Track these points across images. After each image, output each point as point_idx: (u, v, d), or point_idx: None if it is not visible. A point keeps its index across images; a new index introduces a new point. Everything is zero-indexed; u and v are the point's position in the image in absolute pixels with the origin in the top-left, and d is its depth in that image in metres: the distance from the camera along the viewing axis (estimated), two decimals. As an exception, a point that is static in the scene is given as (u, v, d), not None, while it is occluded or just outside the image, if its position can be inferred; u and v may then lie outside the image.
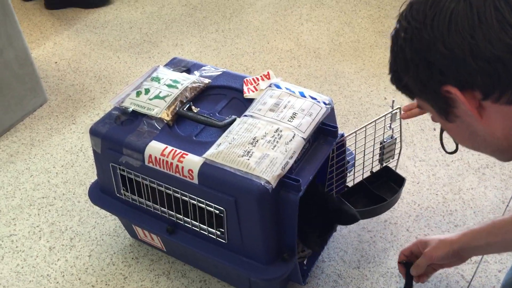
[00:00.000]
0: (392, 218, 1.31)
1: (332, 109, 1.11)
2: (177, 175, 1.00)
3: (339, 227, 1.26)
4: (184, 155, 0.99)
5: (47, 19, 2.19)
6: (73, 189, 1.45)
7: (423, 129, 1.56)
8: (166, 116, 1.08)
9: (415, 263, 1.06)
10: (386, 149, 1.22)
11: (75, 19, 2.18)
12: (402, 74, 0.71)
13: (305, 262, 1.18)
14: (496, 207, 1.32)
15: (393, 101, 1.15)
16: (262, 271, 1.01)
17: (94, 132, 1.09)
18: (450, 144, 1.02)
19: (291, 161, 0.98)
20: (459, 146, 0.88)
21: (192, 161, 0.98)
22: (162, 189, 1.04)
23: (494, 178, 1.39)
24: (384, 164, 1.25)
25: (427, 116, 1.58)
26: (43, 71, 1.88)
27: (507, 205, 1.32)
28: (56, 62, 1.94)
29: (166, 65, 1.23)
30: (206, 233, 1.05)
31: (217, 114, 1.10)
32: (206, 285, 1.19)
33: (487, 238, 0.99)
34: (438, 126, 1.56)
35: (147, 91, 1.12)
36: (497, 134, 0.68)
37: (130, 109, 1.10)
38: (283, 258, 1.02)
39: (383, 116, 1.16)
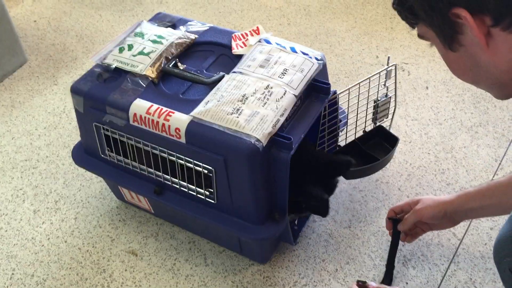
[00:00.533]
0: (384, 178, 1.29)
1: (324, 65, 1.07)
2: (164, 134, 0.96)
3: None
4: (170, 114, 0.95)
5: (24, -24, 2.08)
6: (56, 152, 1.40)
7: (415, 88, 1.52)
8: (151, 73, 1.03)
9: (403, 218, 1.05)
10: (380, 108, 1.19)
11: (54, -25, 2.08)
12: None
13: (296, 222, 1.16)
14: (488, 165, 1.30)
15: (388, 58, 1.11)
16: (252, 231, 0.99)
17: (75, 90, 1.04)
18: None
19: (282, 119, 0.94)
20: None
21: (179, 120, 0.94)
22: (148, 149, 1.00)
23: (486, 137, 1.37)
24: (378, 124, 1.22)
25: (420, 74, 1.56)
26: (22, 30, 1.81)
27: (500, 163, 1.31)
28: (35, 21, 1.86)
29: (150, 20, 1.17)
30: (195, 194, 1.02)
31: (204, 71, 1.06)
32: (195, 246, 1.17)
33: (482, 200, 0.97)
34: (431, 84, 1.53)
35: (130, 47, 1.07)
36: (501, 66, 0.65)
37: (113, 66, 1.04)
38: (274, 218, 1.00)
39: (378, 73, 1.12)
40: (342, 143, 1.23)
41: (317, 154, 1.07)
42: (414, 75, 1.56)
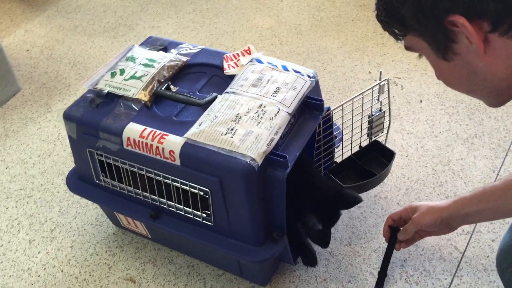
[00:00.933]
0: (382, 193, 1.28)
1: (317, 82, 1.06)
2: (158, 157, 0.95)
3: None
4: (164, 136, 0.95)
5: (17, 6, 2.10)
6: (51, 179, 1.39)
7: (409, 102, 1.52)
8: (144, 96, 1.02)
9: (403, 228, 1.03)
10: (375, 123, 1.18)
11: (46, 4, 2.10)
12: (398, 5, 0.65)
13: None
14: (486, 176, 1.30)
15: (381, 73, 1.11)
16: (251, 253, 0.98)
17: (68, 116, 1.04)
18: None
19: (277, 137, 0.94)
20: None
21: (173, 142, 0.94)
22: (143, 172, 0.99)
23: (483, 148, 1.37)
24: (373, 138, 1.22)
25: (413, 88, 1.56)
26: (15, 60, 1.81)
27: (498, 174, 1.30)
28: (28, 50, 1.87)
29: (141, 45, 1.17)
30: (192, 216, 1.01)
31: (197, 93, 1.05)
32: (194, 270, 1.15)
33: (478, 204, 0.96)
34: (424, 97, 1.53)
35: (122, 71, 1.07)
36: (499, 73, 0.64)
37: (105, 91, 1.04)
38: (272, 238, 0.99)
39: (371, 88, 1.12)
40: (338, 159, 1.22)
41: (326, 184, 1.05)
42: (407, 89, 1.57)
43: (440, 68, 0.70)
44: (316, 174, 1.07)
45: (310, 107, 1.03)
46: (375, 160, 1.24)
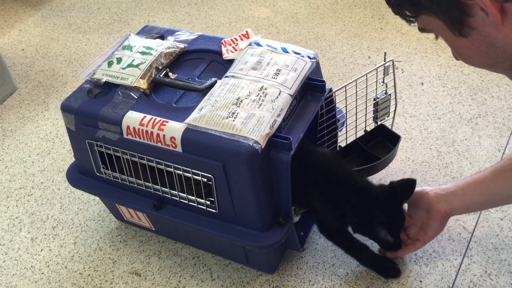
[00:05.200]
0: (387, 176, 1.26)
1: (318, 63, 1.05)
2: (159, 144, 0.93)
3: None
4: (164, 123, 0.93)
5: (10, 7, 2.08)
6: (51, 177, 1.37)
7: (410, 85, 1.51)
8: (142, 84, 1.01)
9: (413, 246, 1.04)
10: (380, 106, 1.16)
11: (39, 4, 2.08)
12: None
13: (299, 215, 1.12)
14: (492, 155, 1.28)
15: (385, 54, 1.09)
16: (257, 239, 0.96)
17: (65, 108, 1.02)
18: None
19: (279, 119, 0.92)
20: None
21: (174, 128, 0.92)
22: (144, 162, 0.98)
23: (487, 127, 1.35)
24: (379, 123, 1.20)
25: (414, 71, 1.54)
26: (10, 60, 1.79)
27: (503, 153, 1.28)
28: (23, 49, 1.85)
29: (138, 33, 1.16)
30: (196, 205, 0.99)
31: (196, 79, 1.04)
32: (200, 261, 1.13)
33: (468, 189, 0.97)
34: (426, 80, 1.51)
35: (119, 60, 1.05)
36: None
37: (103, 81, 1.02)
38: (278, 223, 0.97)
39: (375, 69, 1.10)
40: (342, 143, 1.20)
41: (373, 186, 1.00)
42: (408, 73, 1.55)
43: (458, 46, 0.68)
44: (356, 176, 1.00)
45: (312, 89, 1.02)
46: (380, 144, 1.22)
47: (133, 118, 0.95)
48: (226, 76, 0.99)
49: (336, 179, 0.98)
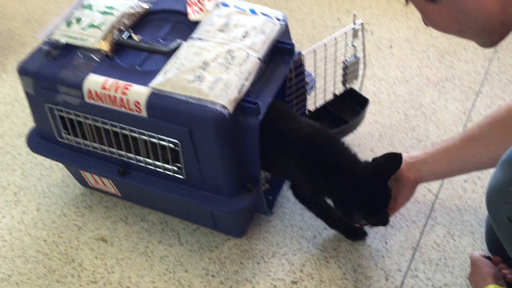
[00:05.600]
0: (355, 139, 1.26)
1: (287, 26, 1.02)
2: (123, 109, 0.90)
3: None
4: (128, 87, 0.89)
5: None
6: (11, 142, 1.32)
7: (379, 48, 1.50)
8: (104, 46, 0.96)
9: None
10: (349, 69, 1.15)
11: (-8, -43, 1.95)
12: None
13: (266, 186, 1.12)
14: (457, 118, 1.29)
15: (354, 16, 1.07)
16: (225, 204, 0.95)
17: (23, 71, 0.97)
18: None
19: (247, 83, 0.90)
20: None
21: (138, 92, 0.89)
22: (108, 127, 0.94)
23: (454, 91, 1.36)
24: (348, 86, 1.19)
25: (383, 34, 1.53)
26: (-37, 18, 1.69)
27: (468, 116, 1.30)
28: (-24, 7, 1.74)
29: (98, -8, 1.10)
30: (162, 170, 0.97)
31: (161, 41, 1.00)
32: (168, 227, 1.12)
33: (449, 164, 0.97)
34: (395, 43, 1.50)
35: (78, 20, 1.00)
36: (489, 9, 0.61)
37: (62, 42, 0.97)
38: (246, 188, 0.96)
39: (344, 31, 1.08)
40: (311, 107, 1.20)
41: (358, 162, 0.93)
42: (377, 35, 1.54)
43: (428, 11, 0.67)
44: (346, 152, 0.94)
45: (281, 52, 0.99)
46: (348, 107, 1.22)
47: (94, 82, 0.91)
48: (192, 38, 0.96)
49: (322, 154, 0.93)
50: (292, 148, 0.94)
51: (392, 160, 0.92)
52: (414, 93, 1.36)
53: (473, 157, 0.95)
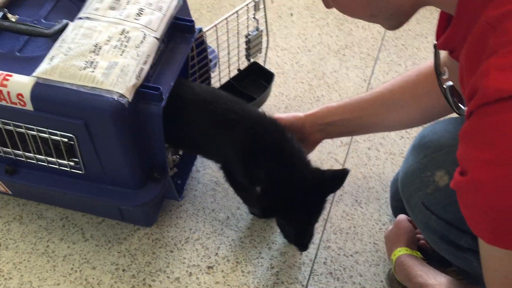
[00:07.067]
0: (262, 114, 1.24)
1: (185, 1, 0.95)
2: (4, 103, 0.79)
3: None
4: (7, 77, 0.78)
5: None
6: None
7: (280, 16, 1.47)
8: (-27, 29, 0.83)
9: None
10: (252, 43, 1.11)
11: None
12: None
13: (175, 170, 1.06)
14: (359, 86, 1.32)
15: (254, -14, 1.02)
16: (131, 197, 0.89)
17: None
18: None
19: (146, 67, 0.83)
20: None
21: (20, 83, 0.78)
22: (-12, 123, 0.83)
23: (354, 58, 1.38)
24: (252, 60, 1.15)
25: (283, 1, 1.50)
26: None
27: (368, 83, 1.33)
28: None
29: (-40, -37, 0.94)
30: (57, 166, 0.88)
31: (42, 21, 0.89)
32: (69, 222, 1.04)
33: (342, 114, 0.97)
34: (295, 11, 1.48)
35: None
36: None
37: None
38: (153, 178, 0.91)
39: (246, 5, 1.03)
40: (216, 85, 1.15)
41: (307, 168, 0.90)
42: (277, 3, 1.50)
43: None
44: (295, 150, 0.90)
45: (180, 30, 0.93)
46: (254, 82, 1.19)
47: (-34, 73, 0.79)
48: (80, 18, 0.86)
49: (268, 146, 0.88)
50: (234, 130, 0.88)
51: (339, 178, 0.90)
52: (317, 62, 1.36)
53: (384, 121, 0.96)
